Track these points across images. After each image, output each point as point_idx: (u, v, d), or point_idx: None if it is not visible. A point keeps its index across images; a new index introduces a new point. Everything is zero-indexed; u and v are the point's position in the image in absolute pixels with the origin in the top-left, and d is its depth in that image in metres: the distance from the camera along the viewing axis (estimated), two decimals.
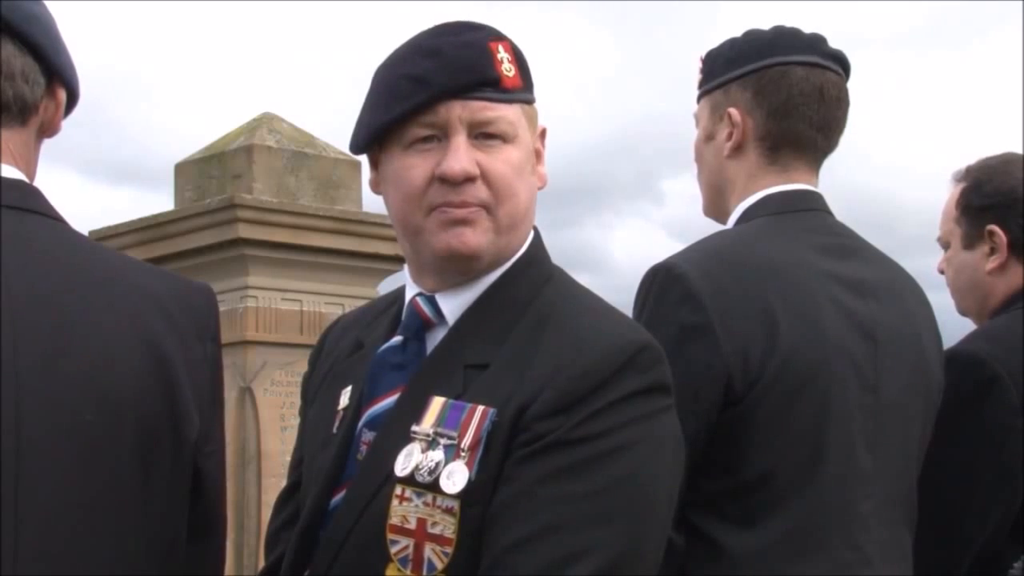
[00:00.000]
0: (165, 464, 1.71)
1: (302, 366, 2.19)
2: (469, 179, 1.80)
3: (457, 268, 1.85)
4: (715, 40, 2.48)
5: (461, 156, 1.80)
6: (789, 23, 2.44)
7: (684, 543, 2.15)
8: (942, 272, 2.88)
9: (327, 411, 1.96)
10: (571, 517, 1.65)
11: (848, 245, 2.37)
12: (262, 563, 2.08)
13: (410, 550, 1.70)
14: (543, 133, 1.93)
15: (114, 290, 1.73)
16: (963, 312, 2.89)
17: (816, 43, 2.41)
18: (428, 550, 1.69)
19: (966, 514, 2.58)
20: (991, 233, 2.76)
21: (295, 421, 2.21)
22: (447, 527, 1.69)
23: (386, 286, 6.97)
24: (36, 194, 1.77)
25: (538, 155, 1.92)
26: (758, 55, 2.39)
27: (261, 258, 6.62)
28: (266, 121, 7.07)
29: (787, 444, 2.17)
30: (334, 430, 1.92)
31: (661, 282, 2.20)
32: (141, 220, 6.91)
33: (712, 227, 2.49)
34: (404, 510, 1.72)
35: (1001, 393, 2.58)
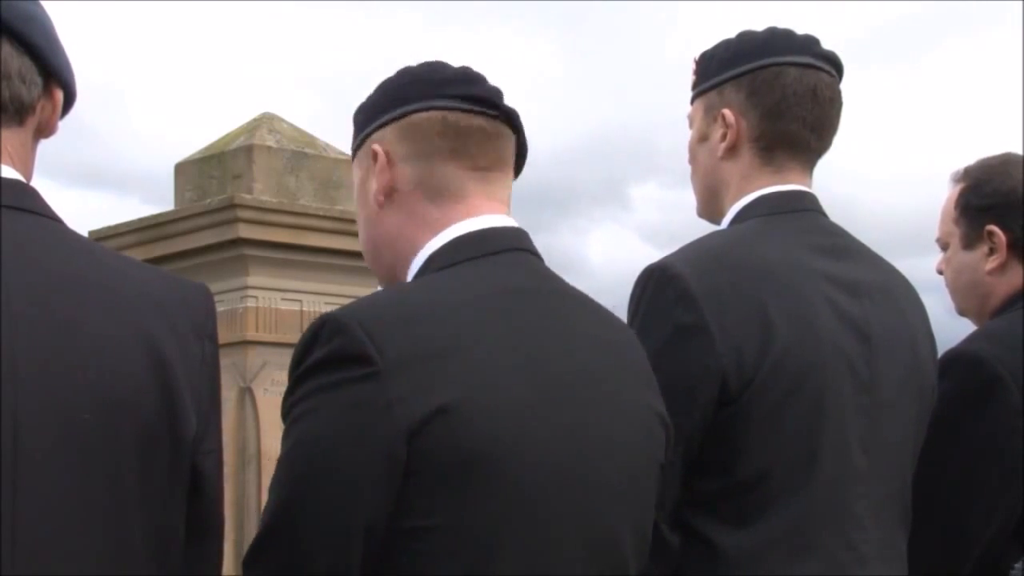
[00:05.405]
0: (163, 464, 1.72)
1: None
2: None
3: None
4: (676, 44, 2.48)
5: None
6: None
7: (679, 543, 2.15)
8: (941, 273, 2.88)
9: None
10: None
11: (842, 245, 2.37)
12: None
13: None
14: (373, 155, 1.95)
15: (112, 290, 1.74)
16: (962, 313, 2.89)
17: (809, 44, 2.41)
18: None
19: (968, 515, 2.58)
20: (991, 233, 2.76)
21: None
22: None
23: None
24: (34, 194, 1.77)
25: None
26: (752, 56, 2.39)
27: (261, 258, 6.62)
28: (266, 121, 7.07)
29: (782, 444, 2.17)
30: None
31: (656, 282, 2.20)
32: (141, 220, 6.91)
33: (680, 231, 2.50)
34: None
35: (1003, 393, 2.58)
